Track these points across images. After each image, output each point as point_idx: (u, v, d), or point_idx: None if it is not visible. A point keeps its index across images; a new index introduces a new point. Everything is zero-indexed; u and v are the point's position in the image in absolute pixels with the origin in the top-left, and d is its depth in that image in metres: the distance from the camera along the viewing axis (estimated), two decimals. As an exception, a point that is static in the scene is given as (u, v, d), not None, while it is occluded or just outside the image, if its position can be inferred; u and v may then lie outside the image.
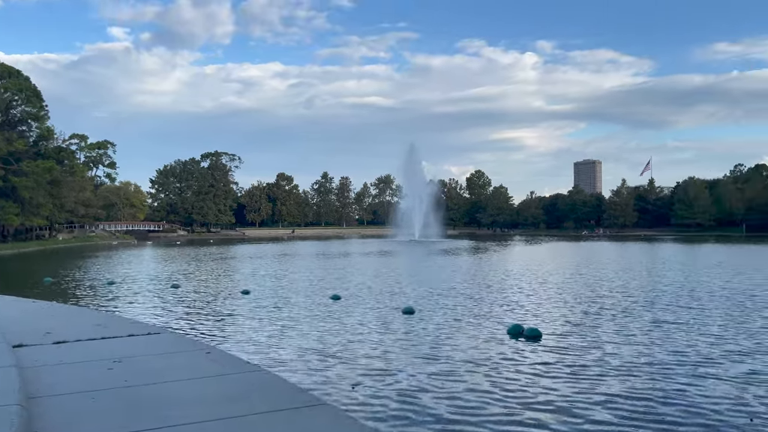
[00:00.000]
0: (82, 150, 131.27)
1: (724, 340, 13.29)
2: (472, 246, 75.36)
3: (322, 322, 16.18)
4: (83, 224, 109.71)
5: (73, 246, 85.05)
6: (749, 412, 8.32)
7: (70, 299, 21.95)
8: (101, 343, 8.79)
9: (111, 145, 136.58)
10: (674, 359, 11.59)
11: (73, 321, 11.39)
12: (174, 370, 7.39)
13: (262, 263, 42.60)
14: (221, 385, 6.77)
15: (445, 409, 8.52)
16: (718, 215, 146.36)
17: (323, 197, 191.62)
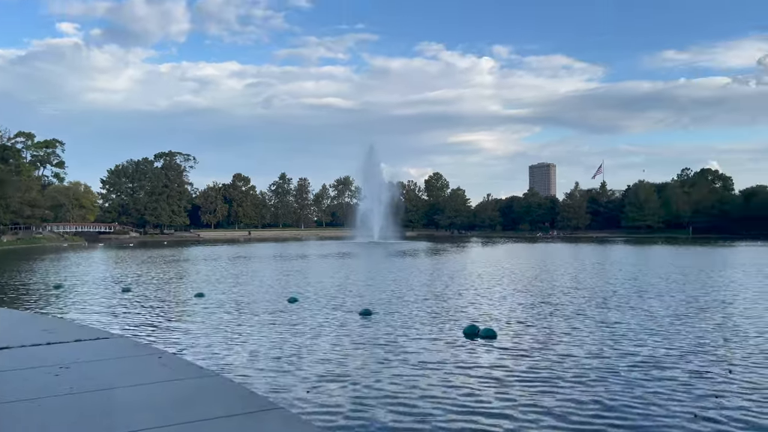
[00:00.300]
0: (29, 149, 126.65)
1: (670, 340, 13.76)
2: (430, 247, 75.92)
3: (278, 325, 16.03)
4: (29, 225, 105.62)
5: (18, 248, 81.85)
6: (693, 410, 8.62)
7: (15, 304, 21.11)
8: (47, 348, 8.49)
9: (59, 143, 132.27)
10: (623, 359, 11.93)
11: (18, 326, 10.96)
12: (124, 376, 7.20)
13: (217, 265, 41.90)
14: (173, 390, 6.63)
15: (398, 412, 8.55)
16: (666, 218, 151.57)
17: (281, 198, 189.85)
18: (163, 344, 13.26)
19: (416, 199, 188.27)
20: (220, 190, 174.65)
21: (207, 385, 6.96)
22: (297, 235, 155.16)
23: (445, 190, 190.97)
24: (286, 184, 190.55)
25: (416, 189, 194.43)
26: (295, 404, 8.75)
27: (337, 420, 8.21)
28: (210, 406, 6.08)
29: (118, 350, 8.89)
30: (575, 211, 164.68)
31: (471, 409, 8.78)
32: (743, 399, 9.19)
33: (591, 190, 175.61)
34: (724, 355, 12.22)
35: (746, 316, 17.30)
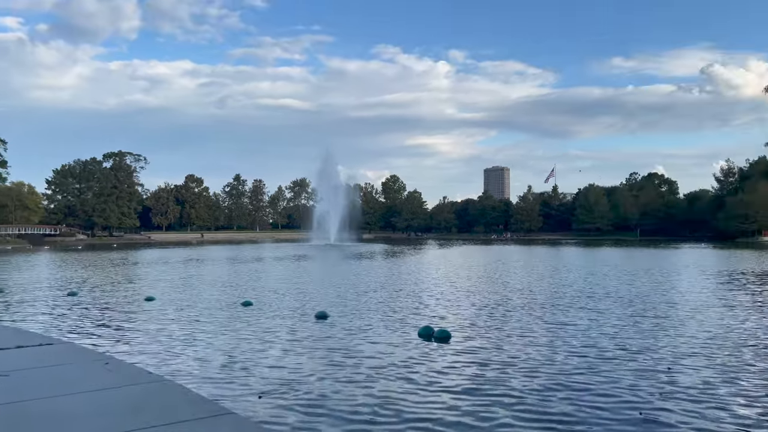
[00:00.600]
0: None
1: (618, 340, 14.15)
2: (387, 250, 76.12)
3: (232, 329, 15.77)
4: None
5: (-43, 251, 78.09)
6: (639, 407, 8.90)
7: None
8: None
9: (2, 142, 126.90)
10: (573, 359, 12.22)
11: (-47, 333, 10.45)
12: (68, 383, 6.96)
13: (168, 269, 40.95)
14: (120, 397, 6.45)
15: (352, 416, 8.52)
16: (615, 220, 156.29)
17: (235, 200, 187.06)
18: (111, 350, 12.87)
19: (373, 202, 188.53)
20: (172, 192, 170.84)
21: (156, 391, 6.79)
22: (252, 237, 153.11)
23: (402, 193, 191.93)
24: (241, 186, 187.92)
25: (373, 191, 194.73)
26: (247, 410, 8.61)
27: (290, 425, 8.13)
28: (159, 412, 5.94)
29: (62, 356, 8.59)
30: (528, 213, 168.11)
31: (424, 411, 8.82)
32: (685, 397, 9.54)
33: (543, 194, 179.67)
34: (668, 353, 12.65)
35: (690, 316, 17.96)
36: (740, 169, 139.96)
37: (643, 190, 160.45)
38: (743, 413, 8.67)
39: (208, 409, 6.17)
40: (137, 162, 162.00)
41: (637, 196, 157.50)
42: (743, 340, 14.14)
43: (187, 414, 5.88)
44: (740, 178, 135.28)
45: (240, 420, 6.22)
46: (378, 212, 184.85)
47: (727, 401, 9.23)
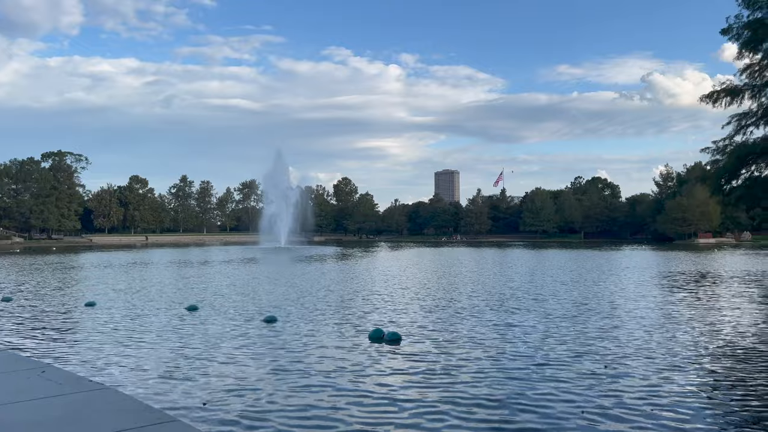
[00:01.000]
0: None
1: (562, 341, 14.54)
2: (339, 252, 75.89)
3: (176, 335, 15.40)
4: None
5: None
6: (581, 406, 9.16)
7: None
8: None
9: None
10: (519, 360, 12.49)
11: None
12: (3, 393, 6.67)
13: (110, 273, 39.63)
14: (59, 405, 6.23)
15: (300, 422, 8.46)
16: (560, 223, 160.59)
17: (182, 202, 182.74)
18: (49, 357, 12.37)
19: (325, 204, 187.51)
20: (115, 193, 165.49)
21: (97, 399, 6.59)
22: (199, 240, 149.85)
23: (354, 195, 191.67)
24: (188, 187, 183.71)
25: (325, 193, 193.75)
26: (191, 417, 8.43)
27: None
28: (101, 420, 5.77)
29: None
30: (477, 216, 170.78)
31: (374, 413, 8.85)
32: (626, 395, 9.89)
33: (492, 197, 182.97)
34: (610, 352, 13.09)
35: (631, 315, 18.63)
36: (678, 174, 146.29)
37: (587, 193, 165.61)
38: (682, 410, 9.04)
39: (151, 417, 6.03)
40: (78, 162, 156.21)
41: (581, 199, 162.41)
42: (680, 337, 14.77)
43: (129, 422, 5.74)
44: (678, 183, 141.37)
45: (185, 427, 6.10)
46: (329, 214, 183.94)
47: (667, 398, 9.61)
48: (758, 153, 27.13)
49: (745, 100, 28.35)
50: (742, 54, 28.08)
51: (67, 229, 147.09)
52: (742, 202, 34.00)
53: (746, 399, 9.61)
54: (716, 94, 29.06)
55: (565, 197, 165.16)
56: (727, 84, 29.27)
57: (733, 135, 28.76)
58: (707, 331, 15.75)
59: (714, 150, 29.90)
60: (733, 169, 28.15)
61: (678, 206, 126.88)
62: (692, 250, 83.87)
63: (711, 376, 11.08)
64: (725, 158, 28.64)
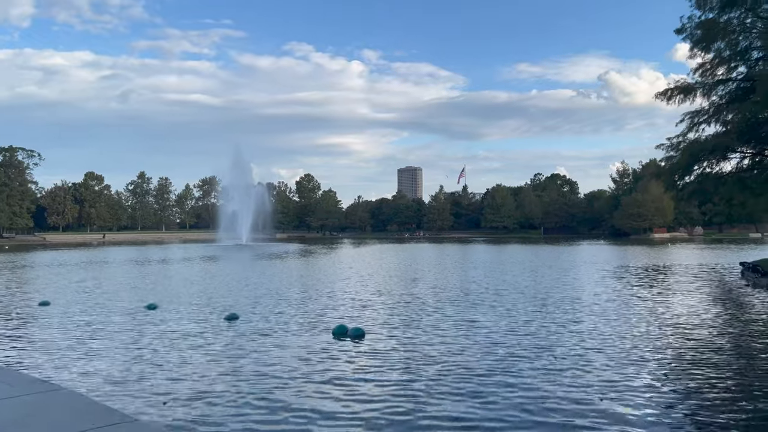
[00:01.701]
0: None
1: (522, 335, 14.77)
2: (301, 249, 75.42)
3: (135, 334, 15.06)
4: None
5: None
6: (544, 397, 9.29)
7: None
8: None
9: None
10: (481, 357, 12.64)
11: None
12: (-51, 397, 6.41)
13: (65, 271, 38.47)
14: (13, 407, 6.03)
15: (261, 418, 8.38)
16: (521, 219, 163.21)
17: (140, 199, 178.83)
18: (1, 358, 11.94)
19: (287, 201, 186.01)
20: (70, 190, 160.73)
21: (54, 400, 6.41)
22: (158, 238, 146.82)
23: (317, 192, 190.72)
24: (146, 184, 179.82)
25: (287, 190, 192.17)
26: (151, 417, 8.25)
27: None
28: (59, 422, 5.62)
29: (-58, 368, 7.88)
30: (440, 213, 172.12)
31: (338, 408, 8.83)
32: (587, 389, 10.11)
33: (454, 194, 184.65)
34: (573, 346, 13.37)
35: (590, 311, 19.06)
36: (634, 171, 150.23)
37: (546, 190, 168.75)
38: (642, 402, 9.29)
39: (111, 418, 5.90)
40: (30, 158, 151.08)
41: (541, 196, 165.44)
42: (638, 330, 15.20)
43: (87, 423, 5.61)
44: (634, 179, 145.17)
45: (145, 427, 5.99)
46: (292, 211, 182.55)
47: (628, 390, 9.86)
48: (710, 150, 28.04)
49: (697, 98, 29.27)
50: (695, 53, 28.97)
51: (18, 227, 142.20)
52: (694, 197, 35.12)
53: (702, 390, 9.94)
54: (670, 91, 29.90)
55: (525, 194, 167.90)
56: (681, 82, 30.17)
57: (686, 132, 29.65)
58: (662, 323, 16.24)
59: (668, 147, 30.80)
60: (686, 166, 29.02)
61: (634, 202, 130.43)
62: (647, 244, 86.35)
63: (666, 368, 11.42)
64: (679, 155, 29.51)
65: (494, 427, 8.03)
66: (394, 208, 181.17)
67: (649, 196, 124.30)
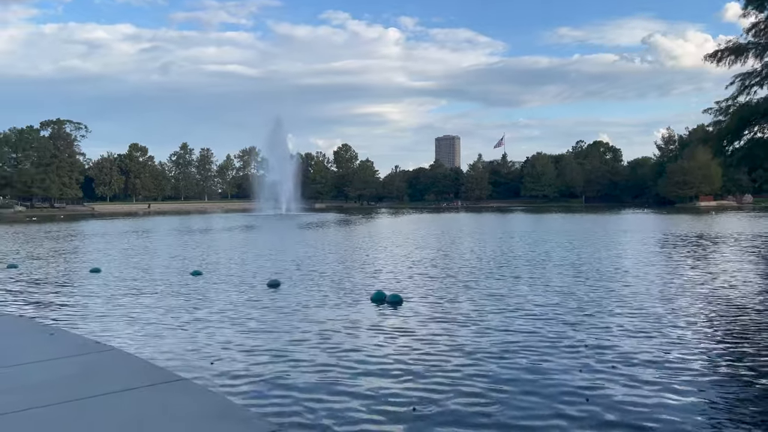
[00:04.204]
0: None
1: (564, 309, 14.59)
2: (339, 218, 76.09)
3: (182, 298, 15.59)
4: None
5: None
6: (586, 394, 8.58)
7: None
8: None
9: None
10: (519, 320, 12.64)
11: None
12: (13, 354, 6.81)
13: (114, 240, 39.85)
14: (68, 366, 6.37)
15: (306, 380, 8.63)
16: (561, 188, 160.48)
17: (182, 170, 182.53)
18: (57, 321, 12.56)
19: (325, 171, 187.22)
20: (116, 161, 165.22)
21: (105, 360, 6.73)
22: (201, 208, 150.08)
23: (354, 162, 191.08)
24: (188, 155, 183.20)
25: (325, 160, 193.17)
26: (199, 376, 8.60)
27: (242, 390, 8.18)
28: (109, 380, 5.90)
29: (6, 328, 8.37)
30: (478, 182, 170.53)
31: (373, 371, 9.01)
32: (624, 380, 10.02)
33: (493, 162, 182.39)
34: (613, 323, 13.23)
35: (633, 283, 18.76)
36: (680, 137, 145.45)
37: (588, 157, 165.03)
38: (685, 389, 9.12)
39: (158, 376, 6.17)
40: (78, 130, 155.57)
41: (582, 163, 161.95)
42: (686, 303, 14.92)
43: (137, 381, 5.87)
44: (680, 146, 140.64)
45: (191, 385, 6.25)
46: (330, 181, 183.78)
47: (671, 375, 9.67)
48: (762, 113, 26.92)
49: (749, 59, 28.02)
50: (748, 12, 27.65)
51: (68, 197, 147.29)
52: (744, 164, 33.86)
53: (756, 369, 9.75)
54: (720, 53, 28.69)
55: (566, 161, 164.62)
56: (732, 43, 28.86)
57: (737, 95, 28.49)
58: (714, 296, 15.90)
59: (717, 111, 29.67)
60: (735, 130, 27.98)
61: (679, 169, 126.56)
62: (694, 213, 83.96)
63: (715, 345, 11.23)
64: (728, 119, 28.42)
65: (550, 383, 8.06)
66: (431, 177, 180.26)
67: (695, 162, 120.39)
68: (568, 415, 7.18)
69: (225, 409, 5.25)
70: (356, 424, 6.97)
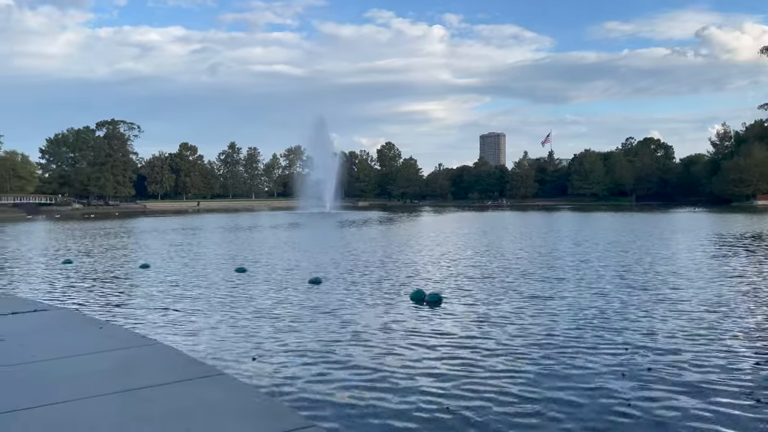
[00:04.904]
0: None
1: (611, 315, 14.15)
2: (382, 217, 76.34)
3: (226, 295, 15.94)
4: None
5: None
6: (627, 397, 8.48)
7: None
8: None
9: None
10: (562, 324, 12.41)
11: (-51, 300, 10.58)
12: (63, 347, 7.10)
13: (164, 237, 41.06)
14: (114, 359, 6.59)
15: (342, 377, 8.70)
16: (610, 186, 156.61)
17: (230, 168, 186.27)
18: (105, 315, 13.04)
19: (368, 169, 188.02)
20: (167, 160, 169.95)
21: (149, 354, 6.94)
22: (248, 205, 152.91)
23: (398, 160, 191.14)
24: (236, 154, 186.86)
25: (368, 159, 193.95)
26: (240, 371, 8.79)
27: (282, 385, 8.31)
28: (152, 373, 6.08)
29: (57, 322, 8.72)
30: (523, 180, 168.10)
31: (409, 369, 9.01)
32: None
33: (539, 159, 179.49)
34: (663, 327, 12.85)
35: (685, 286, 18.15)
36: (736, 133, 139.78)
37: (638, 155, 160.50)
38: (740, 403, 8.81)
39: (200, 370, 6.32)
40: (131, 130, 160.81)
41: (632, 161, 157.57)
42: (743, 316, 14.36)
43: (180, 375, 6.03)
44: (736, 142, 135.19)
45: (231, 380, 6.38)
46: (373, 180, 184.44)
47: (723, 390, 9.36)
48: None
49: (810, 53, 26.63)
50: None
51: (122, 195, 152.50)
52: (805, 161, 32.33)
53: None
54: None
55: (615, 159, 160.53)
56: (792, 35, 27.53)
57: (797, 90, 27.15)
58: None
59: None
60: (795, 127, 26.69)
61: (735, 166, 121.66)
62: (751, 212, 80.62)
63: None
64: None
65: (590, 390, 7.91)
66: (475, 175, 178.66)
67: (752, 159, 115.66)
68: (608, 419, 7.04)
69: (263, 403, 5.35)
70: (390, 422, 7.00)
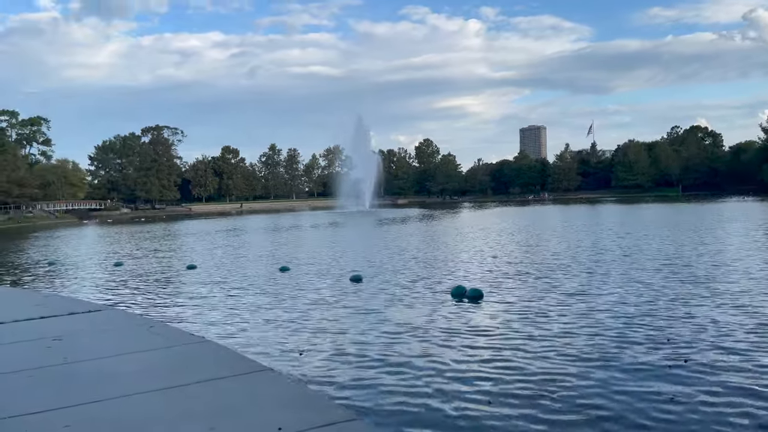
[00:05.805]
0: (13, 127, 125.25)
1: (657, 318, 13.29)
2: (421, 214, 76.22)
3: (270, 293, 16.23)
4: (19, 205, 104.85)
5: (10, 227, 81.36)
6: (671, 392, 8.01)
7: (6, 281, 21.21)
8: (40, 322, 8.63)
9: (44, 121, 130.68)
10: (607, 320, 12.18)
11: (11, 302, 11.10)
12: (115, 346, 7.37)
13: (209, 238, 42.00)
14: (164, 357, 6.81)
15: (385, 371, 8.77)
16: (656, 176, 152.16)
17: (271, 170, 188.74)
18: (155, 314, 13.45)
19: (407, 166, 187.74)
20: (210, 164, 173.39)
21: (198, 351, 7.14)
22: (289, 206, 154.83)
23: (436, 156, 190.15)
24: (276, 155, 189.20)
25: (407, 156, 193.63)
26: (286, 367, 8.96)
27: (328, 380, 8.44)
28: (201, 369, 6.26)
29: (110, 322, 9.05)
30: (566, 173, 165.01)
31: (451, 365, 9.01)
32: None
33: (581, 152, 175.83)
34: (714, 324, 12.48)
35: (736, 279, 17.57)
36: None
37: (685, 144, 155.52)
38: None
39: (247, 366, 6.48)
40: (174, 135, 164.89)
41: (678, 150, 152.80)
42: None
43: (227, 371, 6.19)
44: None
45: (278, 376, 6.51)
46: (412, 177, 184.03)
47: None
48: None
49: None
50: None
51: (167, 199, 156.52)
52: None
53: None
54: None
55: (660, 149, 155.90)
56: None
57: None
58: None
59: (831, 89, 27.08)
60: None
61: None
62: (806, 200, 77.29)
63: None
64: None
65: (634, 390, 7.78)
66: (515, 169, 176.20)
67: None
68: (652, 415, 6.90)
69: (308, 397, 5.45)
70: (431, 416, 7.04)
